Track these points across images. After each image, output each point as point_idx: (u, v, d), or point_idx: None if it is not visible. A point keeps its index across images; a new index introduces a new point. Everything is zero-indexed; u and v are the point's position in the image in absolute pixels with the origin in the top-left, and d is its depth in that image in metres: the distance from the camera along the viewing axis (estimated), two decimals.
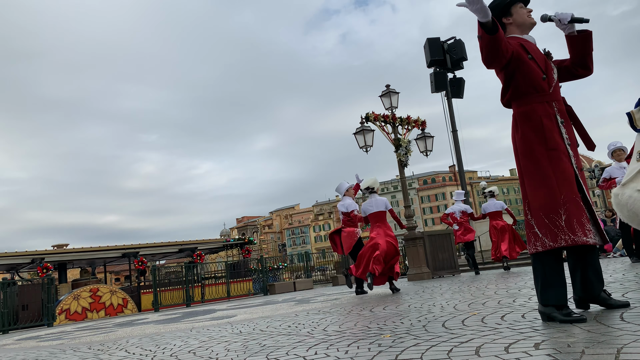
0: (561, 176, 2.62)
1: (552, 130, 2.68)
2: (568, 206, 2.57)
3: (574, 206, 2.57)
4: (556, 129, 2.70)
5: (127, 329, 6.78)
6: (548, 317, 2.59)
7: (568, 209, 2.57)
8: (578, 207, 2.58)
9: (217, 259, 28.32)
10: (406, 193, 11.69)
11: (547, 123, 2.70)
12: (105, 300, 13.72)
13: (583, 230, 2.54)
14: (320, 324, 4.01)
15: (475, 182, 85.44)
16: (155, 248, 16.97)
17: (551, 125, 2.70)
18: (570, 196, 2.59)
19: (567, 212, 2.56)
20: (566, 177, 2.62)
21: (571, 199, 2.59)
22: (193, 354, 3.22)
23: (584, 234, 2.54)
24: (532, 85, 2.74)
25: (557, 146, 2.66)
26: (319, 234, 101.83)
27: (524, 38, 2.87)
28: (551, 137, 2.67)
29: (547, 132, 2.68)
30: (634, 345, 1.85)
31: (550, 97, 2.75)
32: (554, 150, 2.66)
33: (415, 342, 2.52)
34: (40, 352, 4.79)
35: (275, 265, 18.46)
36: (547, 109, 2.73)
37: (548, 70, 2.79)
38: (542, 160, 2.67)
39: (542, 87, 2.74)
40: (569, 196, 2.59)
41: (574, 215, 2.55)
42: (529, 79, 2.74)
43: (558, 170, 2.63)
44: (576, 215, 2.56)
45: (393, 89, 12.28)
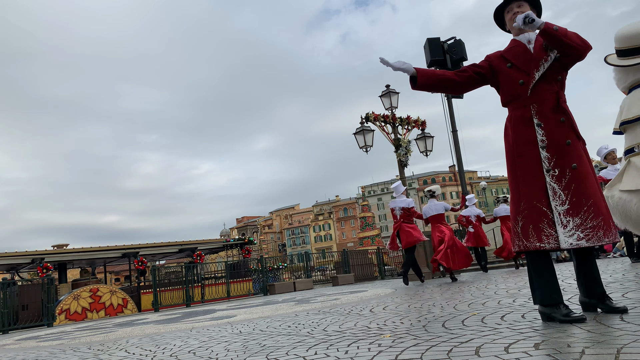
0: (526, 183, 2.69)
1: (522, 137, 2.73)
2: (526, 213, 2.65)
3: (532, 212, 2.63)
4: (529, 133, 2.71)
5: (127, 329, 6.78)
6: (548, 317, 2.60)
7: (525, 215, 2.65)
8: (537, 213, 2.62)
9: (217, 259, 28.34)
10: (406, 193, 11.68)
11: (519, 130, 2.75)
12: (105, 301, 13.72)
13: (538, 235, 2.59)
14: (320, 324, 4.01)
15: (475, 182, 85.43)
16: (155, 248, 16.97)
17: (523, 131, 2.73)
18: (531, 202, 2.64)
19: (524, 218, 2.65)
20: (531, 183, 2.67)
21: (531, 206, 2.64)
22: (193, 354, 3.22)
23: (538, 239, 2.58)
24: (510, 92, 2.83)
25: (524, 152, 2.71)
26: (319, 234, 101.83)
27: (517, 40, 2.88)
28: (520, 144, 2.73)
29: (516, 139, 2.75)
30: (634, 345, 1.85)
31: (527, 100, 2.74)
32: (521, 157, 2.73)
33: (415, 342, 2.52)
34: (40, 352, 4.79)
35: (275, 265, 18.46)
36: (523, 114, 2.75)
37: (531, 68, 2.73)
38: (512, 166, 2.79)
39: (519, 93, 2.78)
40: (529, 202, 2.65)
41: (530, 222, 2.62)
42: (507, 88, 2.84)
43: (523, 176, 2.71)
44: (533, 221, 2.62)
45: (393, 89, 12.28)
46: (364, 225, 30.73)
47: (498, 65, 2.87)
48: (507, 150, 2.84)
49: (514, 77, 2.79)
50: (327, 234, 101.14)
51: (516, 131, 2.76)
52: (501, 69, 2.86)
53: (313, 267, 20.03)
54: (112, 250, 16.16)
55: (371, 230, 30.38)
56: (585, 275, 2.71)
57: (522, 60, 2.80)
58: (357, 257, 18.35)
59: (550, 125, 2.69)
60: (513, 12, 2.87)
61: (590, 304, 2.73)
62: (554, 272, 2.65)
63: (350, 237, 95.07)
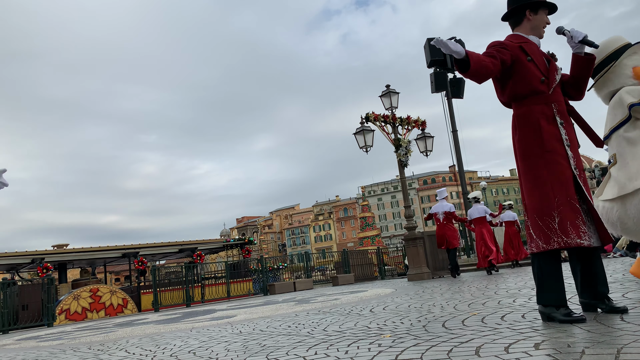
0: (557, 179, 2.63)
1: (549, 132, 2.69)
2: (562, 209, 2.58)
3: (568, 209, 2.58)
4: (555, 130, 2.70)
5: (127, 329, 6.78)
6: (548, 317, 2.60)
7: (562, 211, 2.58)
8: (573, 210, 2.58)
9: (217, 259, 28.34)
10: (406, 193, 11.69)
11: (545, 125, 2.70)
12: (105, 301, 13.72)
13: (577, 232, 2.54)
14: (320, 324, 4.01)
15: (476, 182, 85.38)
16: (155, 248, 16.97)
17: (549, 127, 2.70)
18: (565, 199, 2.60)
19: (561, 214, 2.58)
20: (562, 180, 2.63)
21: (565, 202, 2.59)
22: (193, 354, 3.22)
23: (577, 236, 2.54)
24: (530, 87, 2.75)
25: (554, 148, 2.67)
26: (319, 234, 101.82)
27: (528, 38, 2.86)
28: (548, 139, 2.68)
29: (545, 134, 2.68)
30: (634, 345, 1.85)
31: (549, 98, 2.75)
32: (550, 152, 2.67)
33: (415, 342, 2.52)
34: (40, 352, 4.79)
35: (275, 265, 18.45)
36: (545, 111, 2.73)
37: (550, 71, 2.78)
38: (539, 162, 2.69)
39: (541, 89, 2.74)
40: (563, 199, 2.60)
41: (568, 218, 2.56)
42: (526, 82, 2.75)
43: (554, 172, 2.64)
44: (570, 217, 2.56)
45: (393, 89, 12.28)
46: (364, 225, 30.72)
47: (518, 55, 2.76)
48: (528, 145, 2.72)
49: (535, 72, 2.74)
50: (327, 234, 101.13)
51: (543, 126, 2.69)
52: (521, 60, 2.76)
53: (313, 267, 20.03)
54: (112, 250, 16.15)
55: (371, 230, 30.35)
56: (592, 275, 2.68)
57: (539, 60, 2.79)
58: (357, 257, 18.35)
59: (569, 127, 2.75)
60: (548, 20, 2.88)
61: (590, 304, 2.72)
62: (562, 273, 2.64)
63: (350, 237, 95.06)
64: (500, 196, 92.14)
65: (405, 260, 15.03)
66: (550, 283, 2.60)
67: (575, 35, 2.71)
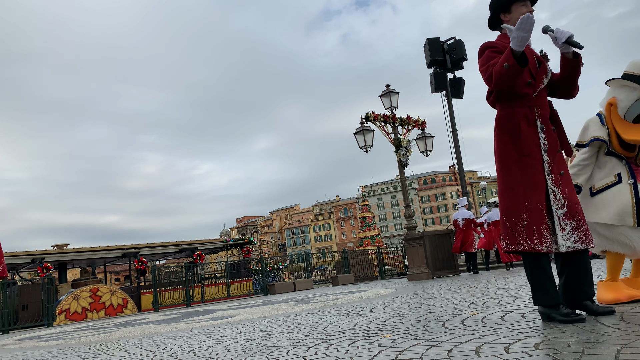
0: (530, 183, 2.66)
1: (528, 136, 2.69)
2: (530, 213, 2.62)
3: (536, 214, 2.62)
4: (533, 134, 2.70)
5: (127, 329, 6.78)
6: (547, 317, 2.59)
7: (530, 215, 2.62)
8: (540, 216, 2.62)
9: (217, 259, 28.33)
10: (406, 193, 11.69)
11: (525, 128, 2.70)
12: (105, 300, 13.71)
13: (540, 238, 2.58)
14: (320, 324, 4.01)
15: (475, 182, 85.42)
16: (155, 248, 16.96)
17: (528, 130, 2.70)
18: (535, 204, 2.63)
19: (529, 218, 2.62)
20: (534, 184, 2.65)
21: (535, 207, 2.62)
22: (193, 354, 3.22)
23: (540, 242, 2.58)
24: (516, 89, 2.73)
25: (530, 152, 2.68)
26: (319, 234, 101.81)
27: None
28: (527, 143, 2.69)
29: (523, 137, 2.70)
30: (634, 345, 1.85)
31: (533, 101, 2.73)
32: (527, 157, 2.68)
33: (415, 342, 2.52)
34: (40, 352, 4.79)
35: (275, 265, 18.45)
36: (527, 114, 2.72)
37: (539, 73, 2.75)
38: (514, 165, 2.72)
39: (526, 92, 2.73)
40: (533, 204, 2.63)
41: (534, 223, 2.61)
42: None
43: (527, 176, 2.67)
44: (536, 223, 2.60)
45: (393, 89, 12.28)
46: (364, 225, 30.74)
47: None
48: (506, 147, 2.74)
49: (523, 74, 2.71)
50: (327, 234, 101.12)
51: (522, 130, 2.70)
52: None
53: (313, 267, 20.03)
54: (112, 250, 16.15)
55: (371, 230, 30.37)
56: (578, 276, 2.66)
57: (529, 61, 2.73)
58: (357, 257, 18.35)
59: (549, 131, 2.73)
60: (529, 9, 2.79)
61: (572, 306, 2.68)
62: (552, 272, 2.65)
63: (350, 237, 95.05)
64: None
65: (405, 260, 15.04)
66: (539, 282, 2.61)
67: (559, 36, 2.65)
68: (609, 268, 3.09)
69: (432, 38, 17.54)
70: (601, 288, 3.11)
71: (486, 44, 2.84)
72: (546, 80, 2.78)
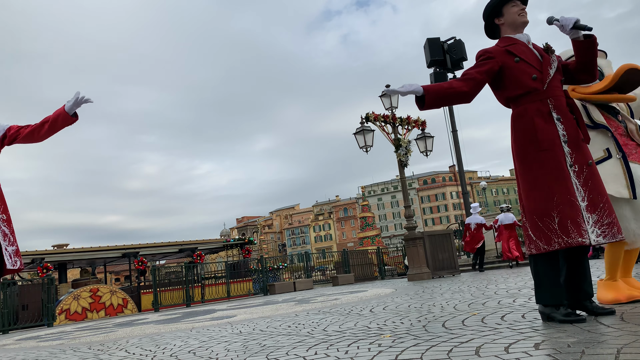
0: (554, 178, 2.59)
1: (545, 130, 2.64)
2: (561, 208, 2.54)
3: (567, 207, 2.53)
4: (550, 127, 2.65)
5: (127, 329, 6.78)
6: (548, 317, 2.59)
7: (561, 210, 2.53)
8: (572, 207, 2.54)
9: (217, 259, 28.33)
10: (406, 193, 11.69)
11: (539, 123, 2.66)
12: (105, 300, 13.71)
13: (579, 230, 2.50)
14: (320, 324, 4.01)
15: (475, 182, 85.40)
16: (155, 248, 16.96)
17: (544, 125, 2.65)
18: (565, 197, 2.54)
19: (560, 214, 2.53)
20: (559, 178, 2.58)
21: (565, 200, 2.54)
22: (193, 354, 3.22)
23: (579, 235, 2.49)
24: (523, 87, 2.73)
25: (549, 146, 2.62)
26: (319, 234, 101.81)
27: (515, 38, 2.83)
28: (543, 137, 2.64)
29: (539, 133, 2.64)
30: (634, 345, 1.85)
31: (544, 94, 2.70)
32: (546, 151, 2.62)
33: (415, 342, 2.52)
34: (40, 352, 4.79)
35: (275, 265, 18.45)
36: (540, 108, 2.68)
37: (543, 66, 2.74)
38: (534, 162, 2.65)
39: (534, 87, 2.71)
40: (562, 197, 2.55)
41: (568, 217, 2.52)
42: (518, 82, 2.74)
43: (550, 171, 2.60)
44: (570, 216, 2.52)
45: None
46: (364, 225, 30.70)
47: (505, 60, 2.76)
48: (523, 145, 2.69)
49: (526, 71, 2.71)
50: (327, 234, 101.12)
51: (538, 124, 2.66)
52: (508, 64, 2.75)
53: (313, 267, 20.04)
54: (112, 250, 16.15)
55: (371, 230, 30.34)
56: (579, 275, 2.67)
57: (529, 57, 2.75)
58: (357, 257, 18.35)
59: (568, 121, 2.69)
60: (521, 8, 2.81)
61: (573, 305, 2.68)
62: (560, 272, 2.63)
63: (350, 237, 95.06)
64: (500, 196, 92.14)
65: (405, 260, 15.05)
66: (547, 282, 2.59)
67: (565, 23, 2.66)
68: (608, 266, 3.06)
69: (432, 38, 17.54)
70: (601, 288, 3.10)
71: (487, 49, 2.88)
72: (552, 71, 2.73)
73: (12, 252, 2.78)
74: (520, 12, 2.83)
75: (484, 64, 2.78)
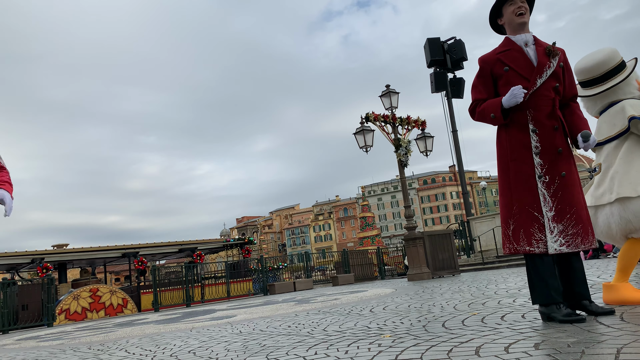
0: (519, 187, 2.70)
1: (517, 140, 2.73)
2: (517, 217, 2.68)
3: (524, 216, 2.66)
4: (524, 138, 2.71)
5: (127, 329, 6.78)
6: (548, 317, 2.60)
7: (517, 220, 2.68)
8: (529, 218, 2.65)
9: (217, 259, 28.33)
10: (406, 193, 11.69)
11: (515, 133, 2.74)
12: (105, 300, 13.71)
13: (529, 240, 2.63)
14: (320, 324, 4.01)
15: (475, 182, 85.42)
16: (155, 248, 16.95)
17: (520, 135, 2.72)
18: (523, 207, 2.67)
19: (515, 222, 2.68)
20: (524, 188, 2.68)
21: (523, 210, 2.67)
22: (193, 354, 3.22)
23: (528, 244, 2.63)
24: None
25: (518, 157, 2.72)
26: (319, 234, 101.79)
27: (513, 41, 2.82)
28: (516, 147, 2.73)
29: (513, 142, 2.74)
30: (634, 345, 1.85)
31: (524, 105, 2.71)
32: (515, 161, 2.73)
33: (415, 342, 2.52)
34: (40, 352, 4.79)
35: (275, 265, 18.45)
36: (518, 119, 2.74)
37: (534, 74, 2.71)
38: (505, 170, 2.79)
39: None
40: (521, 207, 2.67)
41: (521, 226, 2.66)
42: (504, 92, 2.76)
43: (516, 181, 2.72)
44: (524, 225, 2.65)
45: (393, 89, 12.28)
46: (364, 225, 30.72)
47: (497, 71, 2.82)
48: (500, 154, 2.83)
49: (512, 81, 2.74)
50: (327, 234, 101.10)
51: (511, 135, 2.76)
52: (500, 74, 2.80)
53: (313, 267, 20.03)
54: (112, 250, 16.14)
55: (371, 230, 30.35)
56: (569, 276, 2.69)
57: (520, 65, 2.75)
58: (357, 257, 18.35)
59: (545, 132, 2.70)
60: (517, 6, 2.79)
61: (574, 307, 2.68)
62: (554, 272, 2.64)
63: (350, 237, 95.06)
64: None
65: (405, 260, 15.05)
66: (538, 282, 2.63)
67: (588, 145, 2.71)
68: (621, 268, 2.99)
69: (432, 38, 17.55)
70: (608, 289, 3.04)
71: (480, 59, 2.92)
72: (542, 80, 2.71)
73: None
74: (516, 11, 2.81)
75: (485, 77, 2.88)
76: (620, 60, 3.15)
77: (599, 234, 3.07)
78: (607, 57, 3.15)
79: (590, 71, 3.17)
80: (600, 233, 3.06)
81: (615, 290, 2.96)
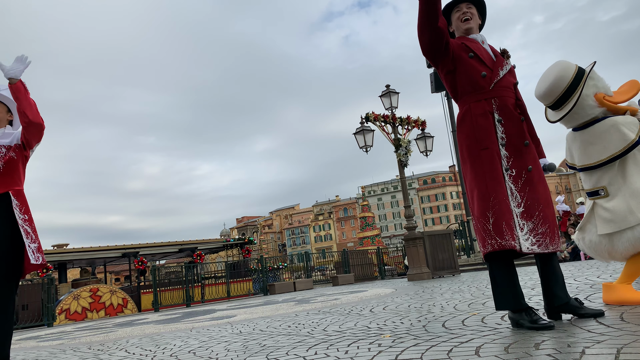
0: (491, 177, 2.54)
1: (486, 129, 2.61)
2: (497, 209, 2.48)
3: (503, 207, 2.48)
4: (490, 127, 2.62)
5: (127, 329, 6.78)
6: (516, 323, 2.52)
7: (497, 211, 2.47)
8: (508, 210, 2.49)
9: (217, 259, 28.33)
10: (406, 193, 11.69)
11: (482, 122, 2.62)
12: (105, 300, 13.72)
13: (512, 234, 2.44)
14: (320, 324, 4.01)
15: None
16: (155, 248, 16.96)
17: (486, 124, 2.62)
18: (500, 198, 2.50)
19: (495, 215, 2.47)
20: (496, 178, 2.54)
21: (500, 201, 2.49)
22: (193, 354, 3.22)
23: (512, 238, 2.43)
24: (471, 83, 2.69)
25: (489, 145, 2.59)
26: (318, 234, 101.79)
27: (469, 37, 2.82)
28: (484, 136, 2.60)
29: (481, 131, 2.60)
30: (634, 345, 1.85)
31: (489, 94, 2.66)
32: (486, 150, 2.58)
33: (415, 342, 2.52)
34: (40, 352, 4.79)
35: (275, 265, 18.46)
36: (484, 107, 2.64)
37: (495, 65, 2.71)
38: (477, 160, 2.60)
39: (481, 85, 2.67)
40: (498, 198, 2.50)
41: (502, 218, 2.46)
42: (467, 78, 2.69)
43: (490, 170, 2.55)
44: (505, 217, 2.46)
45: (393, 89, 12.28)
46: (364, 225, 30.72)
47: (459, 53, 2.71)
48: (467, 143, 2.66)
49: (476, 68, 2.68)
50: (327, 234, 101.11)
51: (479, 123, 2.62)
52: (462, 57, 2.71)
53: (313, 267, 20.03)
54: (112, 250, 16.15)
55: (371, 230, 30.36)
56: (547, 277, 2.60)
57: (483, 55, 2.73)
58: (357, 257, 18.35)
59: (510, 123, 2.63)
60: (462, 12, 2.83)
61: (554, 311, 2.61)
62: (517, 276, 2.56)
63: (350, 237, 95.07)
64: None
65: (405, 260, 15.05)
66: (504, 286, 2.52)
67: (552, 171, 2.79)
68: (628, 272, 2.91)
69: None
70: (608, 289, 3.01)
71: None
72: (503, 72, 2.70)
73: (34, 248, 3.00)
74: (461, 17, 2.82)
75: (449, 37, 2.73)
76: (575, 70, 2.96)
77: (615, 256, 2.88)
78: (559, 73, 2.97)
79: (551, 93, 3.00)
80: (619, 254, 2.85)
81: (615, 290, 2.94)
